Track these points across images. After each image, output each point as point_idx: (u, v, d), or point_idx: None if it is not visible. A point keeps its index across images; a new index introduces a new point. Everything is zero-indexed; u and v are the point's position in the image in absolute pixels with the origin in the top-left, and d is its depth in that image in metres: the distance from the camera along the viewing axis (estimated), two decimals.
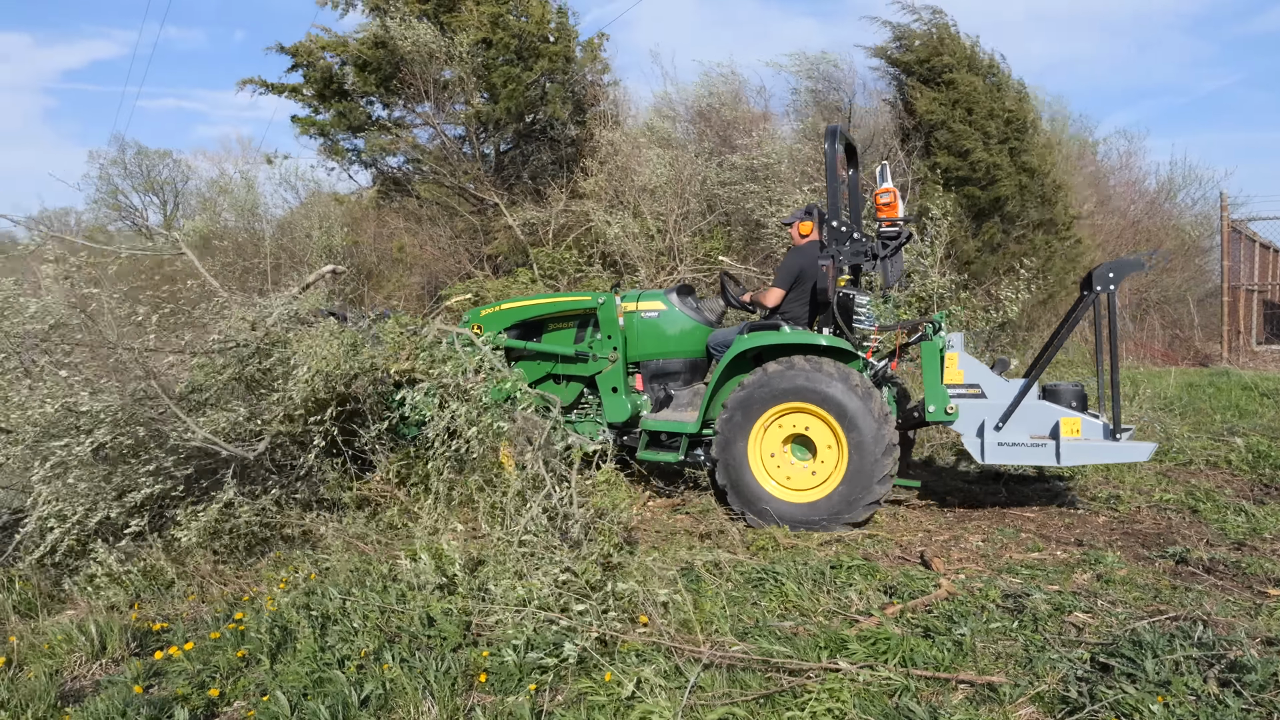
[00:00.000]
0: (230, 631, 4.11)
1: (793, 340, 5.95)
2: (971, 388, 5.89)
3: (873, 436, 5.55)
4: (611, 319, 6.66)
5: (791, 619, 4.12)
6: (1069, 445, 5.57)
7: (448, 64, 14.02)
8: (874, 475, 5.56)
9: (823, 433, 5.76)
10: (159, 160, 37.34)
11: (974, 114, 12.11)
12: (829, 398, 5.62)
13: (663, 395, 6.87)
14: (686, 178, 12.79)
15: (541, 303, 7.23)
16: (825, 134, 6.12)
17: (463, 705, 3.44)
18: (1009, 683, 3.34)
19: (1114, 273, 5.52)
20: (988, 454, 5.76)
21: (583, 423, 6.95)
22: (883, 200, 6.03)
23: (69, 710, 3.48)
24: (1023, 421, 5.70)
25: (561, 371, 7.01)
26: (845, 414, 5.59)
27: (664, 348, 6.76)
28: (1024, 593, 4.26)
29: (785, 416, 5.87)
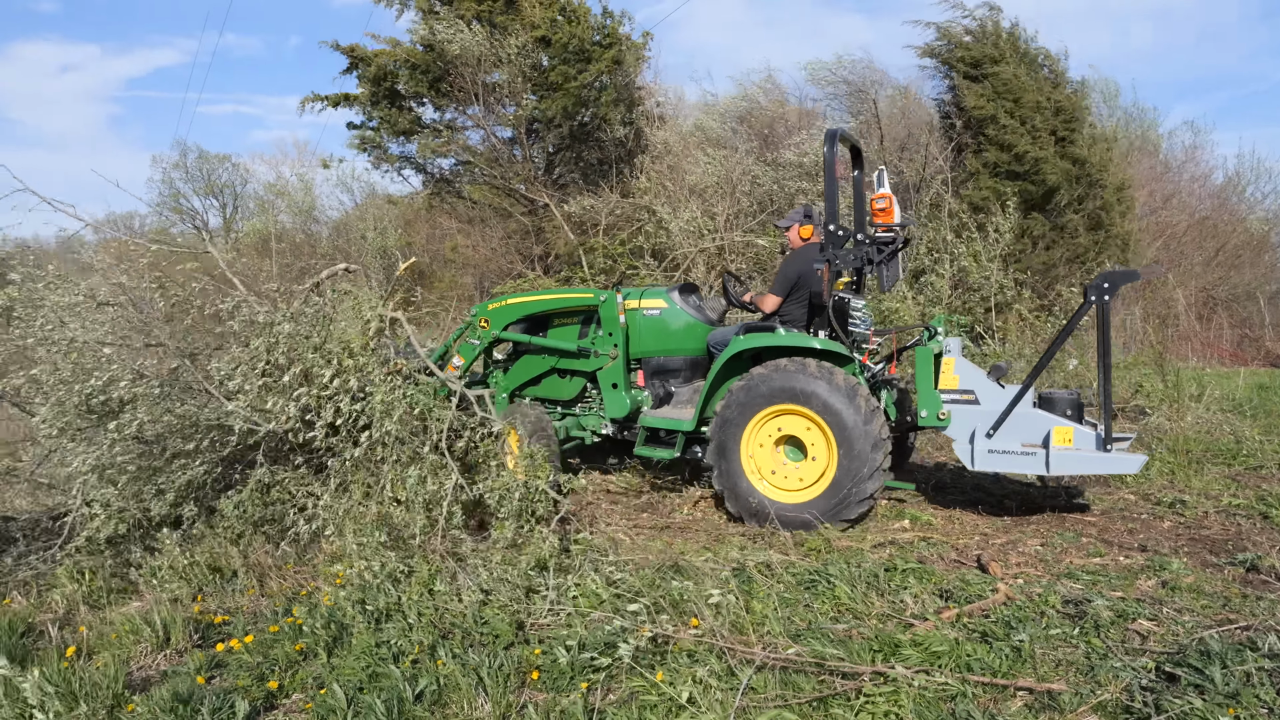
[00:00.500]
0: (288, 625, 4.19)
1: (787, 342, 5.96)
2: (966, 394, 5.85)
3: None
4: (612, 316, 6.76)
5: (845, 621, 4.07)
6: (1059, 454, 5.51)
7: (496, 66, 14.15)
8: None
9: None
10: (219, 164, 38.30)
11: (1021, 107, 11.88)
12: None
13: (663, 392, 6.96)
14: (737, 177, 12.75)
15: (546, 299, 7.42)
16: (824, 138, 6.12)
17: (515, 702, 3.46)
18: (1070, 691, 3.26)
19: (1108, 283, 5.45)
20: (978, 461, 5.73)
21: (586, 416, 7.11)
22: (878, 205, 6.05)
23: (135, 699, 3.57)
24: (1016, 429, 5.66)
25: (565, 366, 7.15)
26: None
27: (665, 345, 6.86)
28: (1085, 599, 4.16)
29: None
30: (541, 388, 7.39)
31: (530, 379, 7.42)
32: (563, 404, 7.34)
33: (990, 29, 12.31)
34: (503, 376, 7.63)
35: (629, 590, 4.29)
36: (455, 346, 7.67)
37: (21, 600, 4.97)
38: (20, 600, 4.97)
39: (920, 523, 5.90)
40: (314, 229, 21.75)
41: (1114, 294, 5.43)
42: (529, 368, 7.40)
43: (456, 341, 7.71)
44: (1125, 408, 8.64)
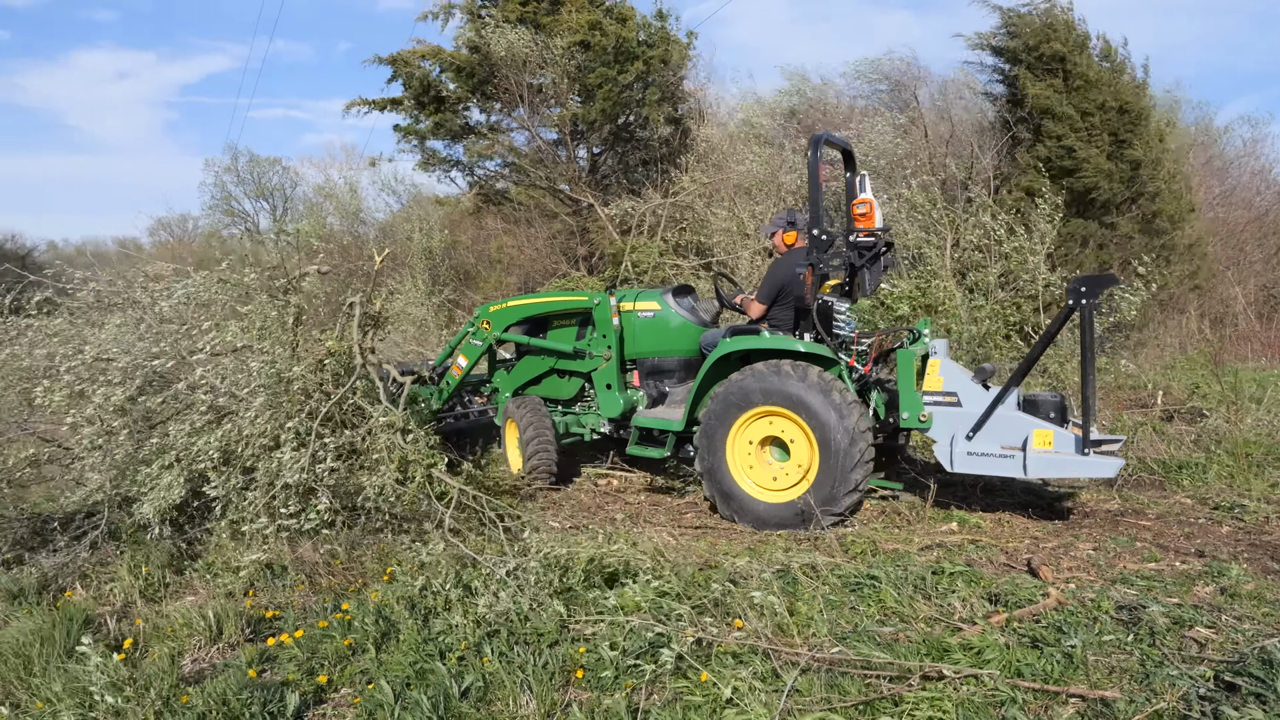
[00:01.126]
0: (337, 621, 4.25)
1: (772, 345, 6.01)
2: (949, 395, 5.83)
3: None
4: (606, 319, 6.97)
5: (891, 625, 4.02)
6: (1036, 457, 5.49)
7: (541, 68, 14.23)
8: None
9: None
10: (269, 167, 39.03)
11: (1086, 102, 11.62)
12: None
13: (657, 392, 7.12)
14: (783, 175, 12.68)
15: (543, 301, 7.69)
16: (809, 143, 6.14)
17: (560, 700, 3.48)
18: (1124, 699, 3.19)
19: (1086, 287, 5.39)
20: (956, 463, 5.73)
21: (585, 415, 7.35)
22: (859, 211, 6.11)
23: (190, 690, 3.64)
24: (996, 432, 5.64)
25: (564, 367, 7.40)
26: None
27: (659, 346, 7.02)
28: (1140, 604, 4.06)
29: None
30: (542, 387, 7.66)
31: (531, 379, 7.70)
32: (562, 403, 7.58)
33: (1048, 19, 12.04)
34: (506, 376, 7.92)
35: (673, 591, 4.29)
36: (459, 347, 7.92)
37: (81, 593, 5.11)
38: (80, 593, 5.10)
39: (968, 525, 5.82)
40: (361, 230, 22.05)
41: (1093, 298, 5.38)
42: (530, 368, 7.67)
43: (460, 342, 7.95)
44: (1182, 409, 8.42)
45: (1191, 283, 12.97)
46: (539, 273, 15.94)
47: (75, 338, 5.96)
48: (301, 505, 5.14)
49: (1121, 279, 10.46)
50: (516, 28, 14.14)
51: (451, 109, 15.43)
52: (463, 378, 7.83)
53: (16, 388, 5.99)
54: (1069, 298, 5.43)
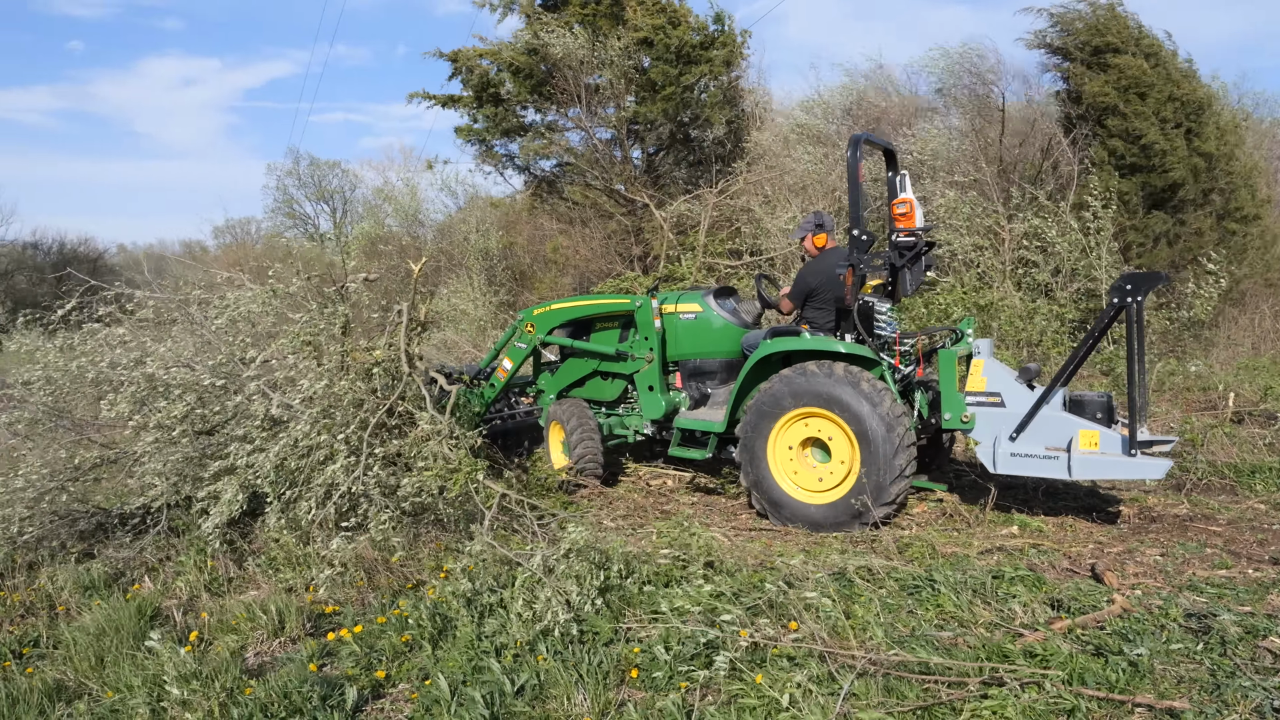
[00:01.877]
0: (395, 617, 4.32)
1: (814, 346, 5.96)
2: (992, 396, 5.72)
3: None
4: (647, 321, 6.97)
5: (950, 629, 3.96)
6: (1081, 459, 5.36)
7: (599, 69, 14.29)
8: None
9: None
10: (329, 170, 39.73)
11: (1147, 97, 11.31)
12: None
13: (700, 394, 7.10)
14: (838, 175, 12.57)
15: (586, 304, 7.74)
16: (849, 143, 6.07)
17: (614, 699, 3.49)
18: (1193, 709, 3.10)
19: (1131, 285, 5.25)
20: (999, 464, 5.62)
21: (629, 416, 7.36)
22: (899, 210, 6.04)
23: (253, 683, 3.73)
24: (1040, 432, 5.53)
25: (607, 369, 7.43)
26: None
27: (701, 348, 7.01)
28: (1210, 613, 3.94)
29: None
30: (585, 389, 7.68)
31: (575, 381, 7.72)
32: (606, 405, 7.60)
33: (1101, 14, 11.77)
34: (550, 378, 7.96)
35: (729, 591, 4.28)
36: (504, 350, 7.94)
37: (150, 586, 5.26)
38: (148, 586, 5.26)
39: (1030, 529, 5.70)
40: (419, 232, 22.38)
41: (1140, 295, 5.25)
42: (574, 370, 7.71)
43: (505, 345, 7.97)
44: (1254, 411, 8.15)
45: (1265, 279, 12.54)
46: (594, 273, 16.00)
47: (136, 349, 6.14)
48: (361, 519, 5.21)
49: (1185, 276, 10.17)
50: (574, 29, 14.23)
51: (508, 108, 15.58)
52: (508, 380, 7.86)
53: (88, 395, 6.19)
54: (1113, 295, 5.33)
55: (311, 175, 39.70)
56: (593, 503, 6.77)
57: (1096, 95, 11.34)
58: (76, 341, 6.28)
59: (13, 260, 30.17)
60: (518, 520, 5.48)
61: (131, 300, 6.49)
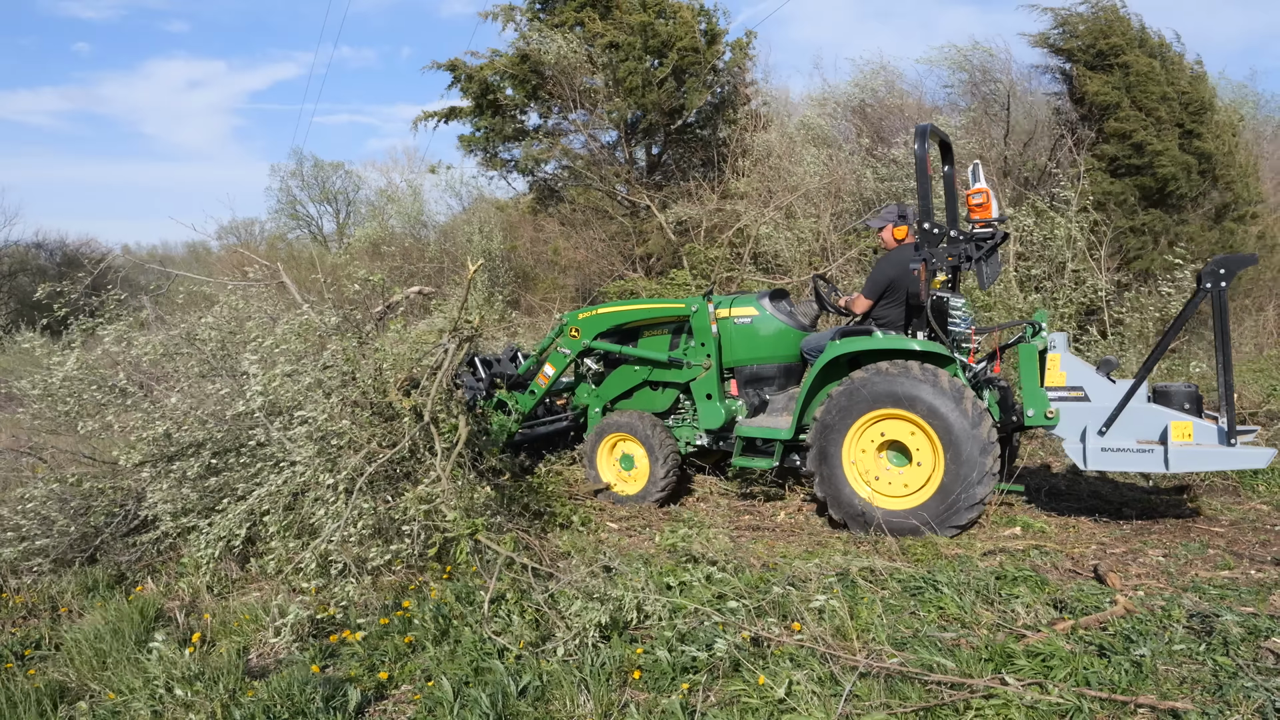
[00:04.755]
0: (398, 619, 4.32)
1: (885, 345, 5.79)
2: (1074, 390, 5.60)
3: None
4: (704, 325, 6.63)
5: (952, 630, 3.96)
6: (1178, 451, 5.22)
7: (592, 72, 14.31)
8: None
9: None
10: (333, 172, 39.80)
11: (1147, 98, 11.31)
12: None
13: (757, 401, 6.81)
14: (841, 177, 12.55)
15: (636, 309, 7.26)
16: (915, 134, 5.89)
17: (617, 700, 3.49)
18: (1196, 710, 3.09)
19: (1224, 269, 5.13)
20: (1090, 460, 5.47)
21: (679, 428, 6.97)
22: (975, 201, 5.84)
23: (255, 684, 3.73)
24: (1130, 425, 5.39)
25: (657, 378, 7.01)
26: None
27: (757, 353, 6.69)
28: (1213, 613, 3.93)
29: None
30: (634, 400, 7.28)
31: (623, 392, 7.30)
32: (656, 416, 7.10)
33: (1104, 15, 11.78)
34: (594, 391, 7.48)
35: (732, 592, 4.28)
36: (546, 355, 7.60)
37: (152, 587, 5.26)
38: (151, 587, 5.26)
39: (1033, 530, 5.69)
40: (422, 234, 22.40)
41: (1230, 279, 5.13)
42: (622, 381, 7.26)
43: (546, 350, 7.64)
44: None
45: (1268, 279, 12.52)
46: (596, 274, 16.01)
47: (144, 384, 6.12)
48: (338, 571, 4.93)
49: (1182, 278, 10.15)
50: (568, 33, 14.23)
51: (508, 114, 15.60)
52: (549, 386, 7.48)
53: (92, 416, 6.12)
54: (1205, 280, 5.16)
55: (315, 177, 39.79)
56: (595, 502, 6.76)
57: (1097, 94, 11.34)
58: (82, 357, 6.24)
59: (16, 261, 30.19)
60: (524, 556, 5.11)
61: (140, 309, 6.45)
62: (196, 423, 5.64)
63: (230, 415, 5.61)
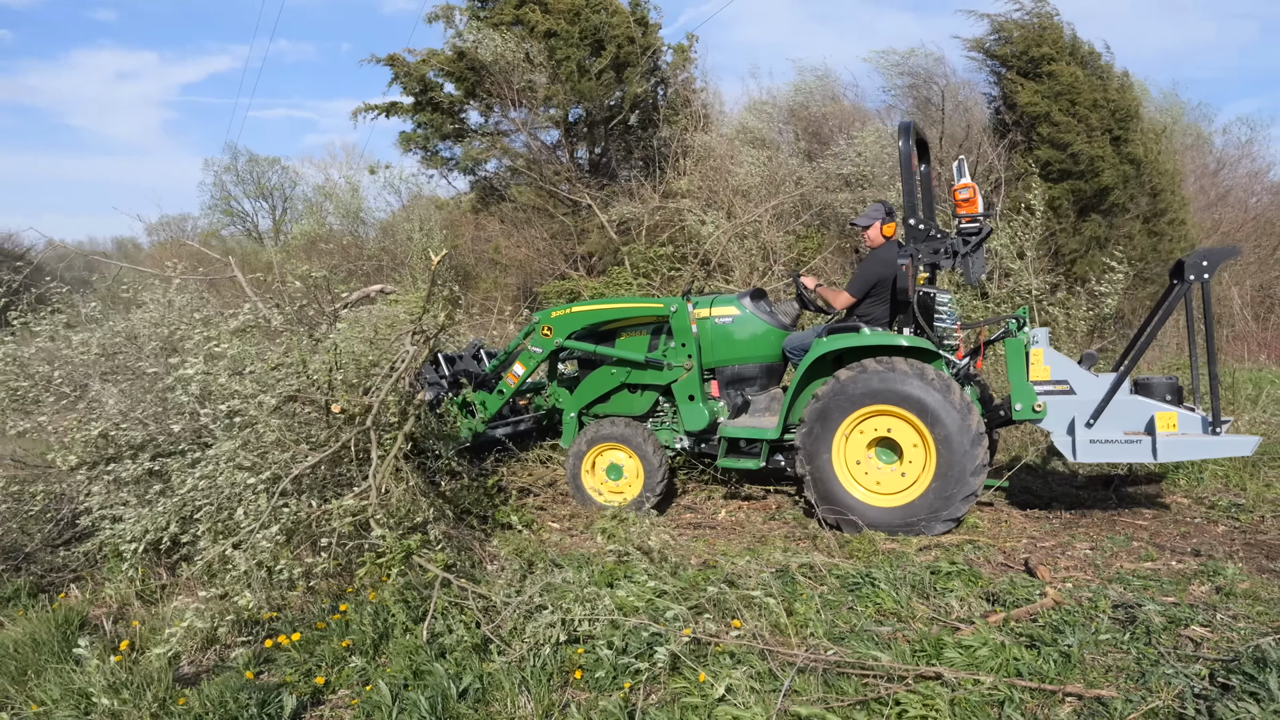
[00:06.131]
0: (335, 622, 4.25)
1: (873, 342, 5.79)
2: (1060, 384, 5.69)
3: (958, 429, 5.41)
4: (684, 326, 6.51)
5: (889, 625, 4.03)
6: (1166, 441, 5.34)
7: (531, 70, 14.24)
8: (966, 468, 5.42)
9: (906, 433, 5.64)
10: (269, 167, 39.01)
11: (1077, 105, 11.66)
12: (907, 396, 5.51)
13: (739, 401, 6.74)
14: (781, 178, 12.68)
15: (612, 308, 7.05)
16: (898, 130, 5.93)
17: (558, 701, 3.48)
18: (1120, 697, 3.20)
19: (1207, 260, 5.27)
20: (1080, 452, 5.56)
21: (659, 431, 6.84)
22: (961, 196, 5.87)
23: (186, 693, 3.64)
24: (1115, 417, 5.50)
25: (635, 380, 6.80)
26: (926, 410, 5.47)
27: (739, 353, 6.60)
28: (1136, 604, 4.07)
29: (866, 421, 5.75)
30: (611, 404, 7.01)
31: (599, 396, 7.01)
32: (635, 420, 6.91)
33: (1037, 23, 12.10)
34: (569, 396, 7.16)
35: (673, 590, 4.29)
36: (516, 354, 7.35)
37: (77, 595, 5.10)
38: (76, 595, 5.09)
39: (966, 525, 5.82)
40: (361, 231, 22.05)
41: (1213, 271, 5.25)
42: (598, 384, 6.97)
43: (517, 349, 7.39)
44: None
45: None
46: (537, 273, 15.93)
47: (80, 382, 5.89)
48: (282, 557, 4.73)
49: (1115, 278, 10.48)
50: (506, 31, 14.13)
51: (449, 112, 15.44)
52: (518, 386, 7.23)
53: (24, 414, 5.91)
54: (1188, 273, 5.26)
55: (250, 172, 38.95)
56: (537, 501, 6.73)
57: (1028, 104, 11.65)
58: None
59: None
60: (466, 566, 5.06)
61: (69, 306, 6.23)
62: (136, 423, 5.46)
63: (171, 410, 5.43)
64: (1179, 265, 5.44)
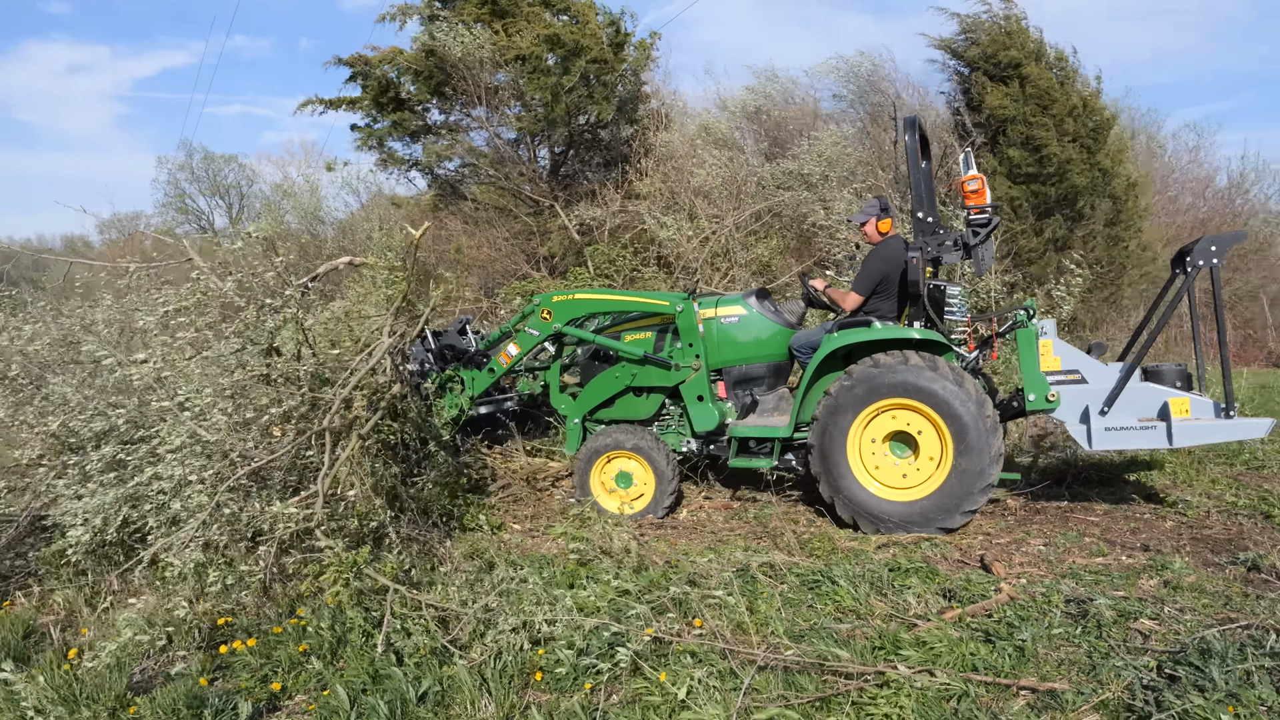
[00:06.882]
0: (292, 627, 4.19)
1: (884, 336, 5.77)
2: (1071, 373, 5.74)
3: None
4: (691, 326, 6.45)
5: (848, 622, 4.07)
6: (1181, 426, 5.41)
7: (498, 68, 14.16)
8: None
9: (922, 426, 5.64)
10: (225, 165, 38.33)
11: (1049, 110, 11.82)
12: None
13: (748, 401, 6.66)
14: (742, 179, 12.74)
15: (616, 299, 6.97)
16: (904, 125, 5.95)
17: (519, 703, 3.47)
18: (1072, 690, 3.26)
19: (1216, 246, 5.35)
20: (1095, 440, 5.61)
21: (665, 434, 6.73)
22: (971, 187, 5.86)
23: (138, 701, 3.57)
24: (1128, 405, 5.56)
25: (641, 383, 6.67)
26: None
27: (746, 353, 6.55)
28: (1088, 598, 4.16)
29: (880, 416, 5.73)
30: (616, 409, 6.85)
31: (603, 401, 6.84)
32: (640, 424, 6.80)
33: (1006, 26, 12.24)
34: (573, 402, 6.99)
35: (634, 590, 4.30)
36: (513, 334, 7.18)
37: (24, 602, 4.97)
38: (22, 602, 4.97)
39: None
40: (319, 230, 21.77)
41: (1221, 257, 5.33)
42: (602, 388, 6.79)
43: (514, 329, 7.21)
44: None
45: (1141, 284, 13.29)
46: (499, 273, 15.85)
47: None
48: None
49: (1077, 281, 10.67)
50: (473, 29, 14.03)
51: (410, 109, 15.28)
52: (511, 366, 7.11)
53: None
54: (1197, 258, 5.31)
55: (206, 169, 38.25)
56: (500, 502, 6.70)
57: (996, 107, 11.79)
58: None
59: None
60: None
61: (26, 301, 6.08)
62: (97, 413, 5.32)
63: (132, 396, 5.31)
64: (1180, 254, 5.51)
